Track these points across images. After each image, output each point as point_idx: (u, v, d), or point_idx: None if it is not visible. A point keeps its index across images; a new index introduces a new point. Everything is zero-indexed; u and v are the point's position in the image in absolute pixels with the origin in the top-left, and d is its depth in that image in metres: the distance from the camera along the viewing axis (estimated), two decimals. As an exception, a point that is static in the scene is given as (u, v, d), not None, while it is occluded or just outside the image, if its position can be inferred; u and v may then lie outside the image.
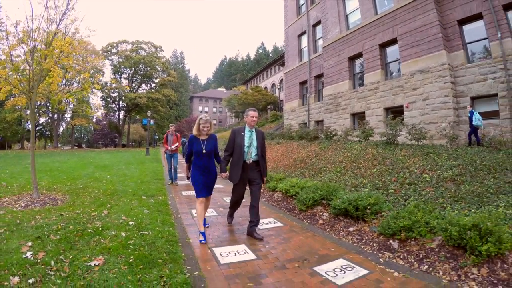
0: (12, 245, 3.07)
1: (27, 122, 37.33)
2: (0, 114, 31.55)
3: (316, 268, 2.96)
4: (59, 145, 42.44)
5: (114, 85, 38.22)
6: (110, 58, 41.07)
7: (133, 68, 42.10)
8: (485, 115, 10.21)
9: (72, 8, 6.06)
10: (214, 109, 64.99)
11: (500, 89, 9.65)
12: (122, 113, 44.75)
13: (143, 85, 46.00)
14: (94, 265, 2.66)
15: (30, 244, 3.11)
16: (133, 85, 44.40)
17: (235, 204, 4.29)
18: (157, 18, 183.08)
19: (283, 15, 23.48)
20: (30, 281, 2.35)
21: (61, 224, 3.82)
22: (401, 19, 12.53)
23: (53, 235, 3.38)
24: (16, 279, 2.38)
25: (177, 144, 8.38)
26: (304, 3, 20.97)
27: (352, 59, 15.37)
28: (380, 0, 14.10)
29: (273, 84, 41.01)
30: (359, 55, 14.77)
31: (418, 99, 11.75)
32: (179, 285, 2.37)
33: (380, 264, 3.13)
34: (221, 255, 3.27)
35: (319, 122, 17.93)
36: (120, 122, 44.87)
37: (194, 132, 3.88)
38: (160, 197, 6.12)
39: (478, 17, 10.37)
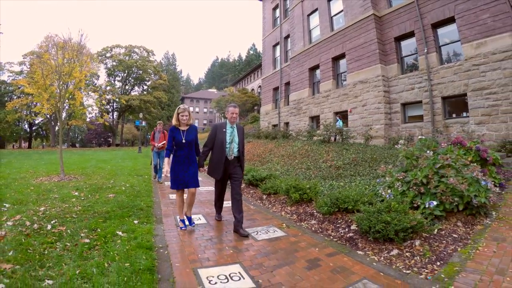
0: (64, 191, 5.96)
1: (25, 123, 39.64)
2: (0, 115, 33.11)
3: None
4: (55, 144, 44.54)
5: (108, 87, 40.76)
6: (104, 62, 43.58)
7: (126, 71, 44.63)
8: (412, 119, 12.42)
9: (85, 44, 8.94)
10: (205, 110, 67.21)
11: (424, 97, 11.37)
12: (115, 114, 47.23)
13: (136, 87, 48.53)
14: (110, 196, 5.60)
15: (74, 190, 6.01)
16: (126, 87, 46.92)
17: (219, 198, 4.39)
18: (150, 19, 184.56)
19: (261, 26, 25.69)
20: (82, 198, 5.27)
21: (87, 186, 6.73)
22: (349, 36, 14.67)
23: (85, 189, 6.31)
24: (74, 199, 5.27)
25: (164, 142, 8.32)
26: (279, 16, 23.11)
27: (312, 69, 17.81)
28: (336, 18, 16.25)
29: (260, 86, 42.46)
30: (317, 66, 17.11)
31: (358, 105, 14.05)
32: (148, 202, 5.30)
33: (250, 204, 5.53)
34: (170, 196, 6.12)
35: (287, 124, 20.36)
36: (114, 122, 47.29)
37: (173, 122, 3.91)
38: (147, 176, 9.08)
39: (411, 34, 12.00)
